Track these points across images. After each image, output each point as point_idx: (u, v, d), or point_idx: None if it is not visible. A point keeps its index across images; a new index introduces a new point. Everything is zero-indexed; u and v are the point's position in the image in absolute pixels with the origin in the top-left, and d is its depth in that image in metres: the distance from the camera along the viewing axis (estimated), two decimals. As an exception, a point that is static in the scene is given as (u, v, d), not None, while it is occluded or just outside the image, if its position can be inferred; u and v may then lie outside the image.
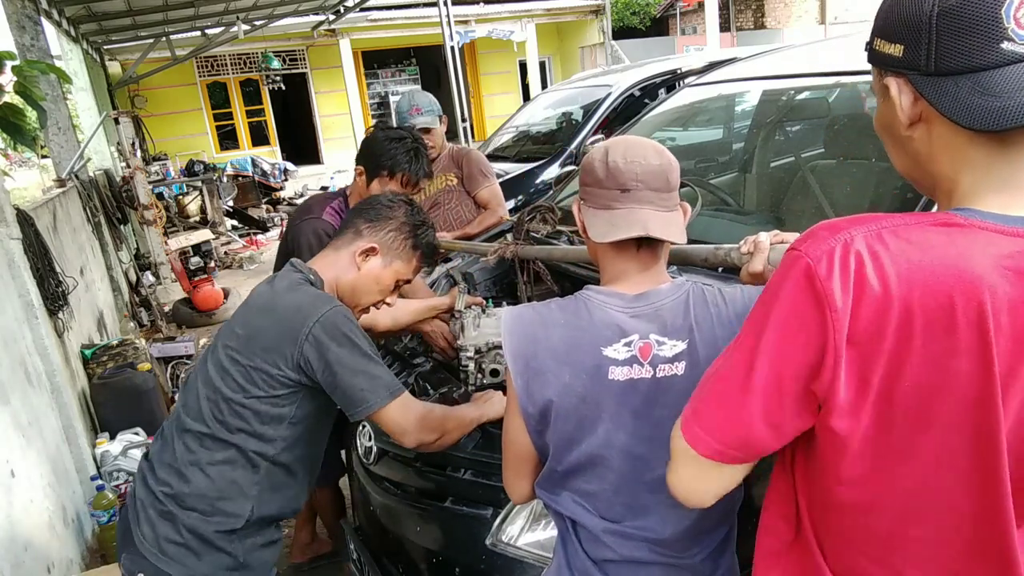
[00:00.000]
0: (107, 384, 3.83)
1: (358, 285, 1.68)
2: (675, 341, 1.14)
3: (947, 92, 0.77)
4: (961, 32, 0.75)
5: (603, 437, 1.16)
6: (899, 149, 0.89)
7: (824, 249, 0.79)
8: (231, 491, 1.55)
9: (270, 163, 12.13)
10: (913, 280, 0.75)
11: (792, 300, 0.81)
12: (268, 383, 1.52)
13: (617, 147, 1.19)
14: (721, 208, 2.56)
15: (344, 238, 1.71)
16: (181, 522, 1.53)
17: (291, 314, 1.53)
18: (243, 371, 1.52)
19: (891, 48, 0.81)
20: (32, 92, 2.51)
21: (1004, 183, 0.80)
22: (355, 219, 1.73)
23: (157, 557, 1.53)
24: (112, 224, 6.45)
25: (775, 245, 1.37)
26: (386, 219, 1.71)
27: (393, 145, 2.23)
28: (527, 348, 1.17)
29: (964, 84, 0.76)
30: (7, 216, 3.08)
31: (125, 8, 7.65)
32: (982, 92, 0.75)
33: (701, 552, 1.22)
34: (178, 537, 1.53)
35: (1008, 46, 0.74)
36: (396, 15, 14.30)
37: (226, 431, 1.54)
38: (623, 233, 1.14)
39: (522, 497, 1.33)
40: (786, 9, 19.77)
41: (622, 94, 5.86)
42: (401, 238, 1.71)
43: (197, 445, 1.56)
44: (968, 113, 0.75)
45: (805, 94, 2.76)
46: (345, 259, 1.68)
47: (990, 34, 0.74)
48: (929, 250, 0.77)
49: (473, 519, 1.68)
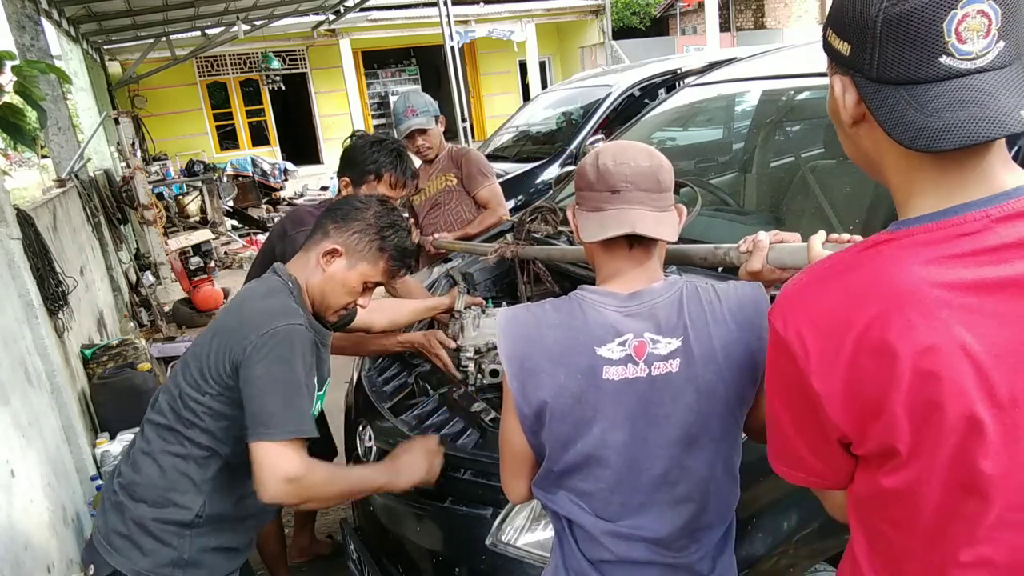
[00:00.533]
0: (107, 384, 3.83)
1: (325, 287, 1.65)
2: (669, 339, 1.14)
3: (885, 101, 0.76)
4: (903, 42, 0.74)
5: (599, 437, 1.17)
6: (847, 140, 0.91)
7: (777, 307, 0.85)
8: (182, 484, 1.55)
9: (270, 163, 12.13)
10: (842, 302, 0.79)
11: (773, 366, 0.88)
12: (218, 380, 1.52)
13: (608, 151, 1.21)
14: (721, 208, 2.56)
15: (314, 239, 1.69)
16: (129, 514, 1.54)
17: (253, 316, 1.52)
18: (199, 366, 1.53)
19: (840, 44, 0.80)
20: (32, 92, 2.51)
21: (933, 183, 0.79)
22: (325, 220, 1.70)
23: (105, 549, 1.54)
24: (112, 224, 6.45)
25: (774, 244, 1.37)
26: (353, 220, 1.66)
27: (375, 149, 2.23)
28: (522, 349, 1.18)
29: (901, 96, 0.75)
30: (7, 216, 3.08)
31: (125, 8, 7.65)
32: (916, 107, 0.74)
33: (699, 551, 1.22)
34: (124, 528, 1.54)
35: (947, 60, 0.73)
36: (396, 15, 14.30)
37: (182, 424, 1.54)
38: (612, 231, 1.15)
39: (519, 497, 1.33)
40: (786, 9, 19.77)
41: (622, 94, 5.87)
42: (367, 240, 1.65)
43: (155, 435, 1.57)
44: (901, 128, 0.75)
45: (805, 94, 2.76)
46: (312, 261, 1.66)
47: (930, 46, 0.73)
48: (857, 272, 0.79)
49: (473, 519, 1.68)
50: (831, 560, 1.61)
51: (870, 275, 0.78)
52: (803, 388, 0.81)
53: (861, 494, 0.87)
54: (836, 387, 0.78)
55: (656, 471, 1.17)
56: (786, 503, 1.55)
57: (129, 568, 1.53)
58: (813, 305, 0.81)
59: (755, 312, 1.17)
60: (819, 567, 1.62)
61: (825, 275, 0.82)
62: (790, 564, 1.54)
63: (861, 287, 0.78)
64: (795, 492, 1.54)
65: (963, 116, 0.72)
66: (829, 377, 0.78)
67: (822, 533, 1.54)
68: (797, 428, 0.87)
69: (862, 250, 0.81)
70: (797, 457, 0.89)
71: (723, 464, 1.20)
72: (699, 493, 1.19)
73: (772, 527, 1.53)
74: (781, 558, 1.52)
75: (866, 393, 0.77)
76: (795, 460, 0.90)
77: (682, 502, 1.19)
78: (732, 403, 1.16)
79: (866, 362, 0.76)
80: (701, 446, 1.17)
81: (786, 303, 0.84)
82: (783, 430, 0.89)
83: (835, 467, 0.88)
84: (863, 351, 0.76)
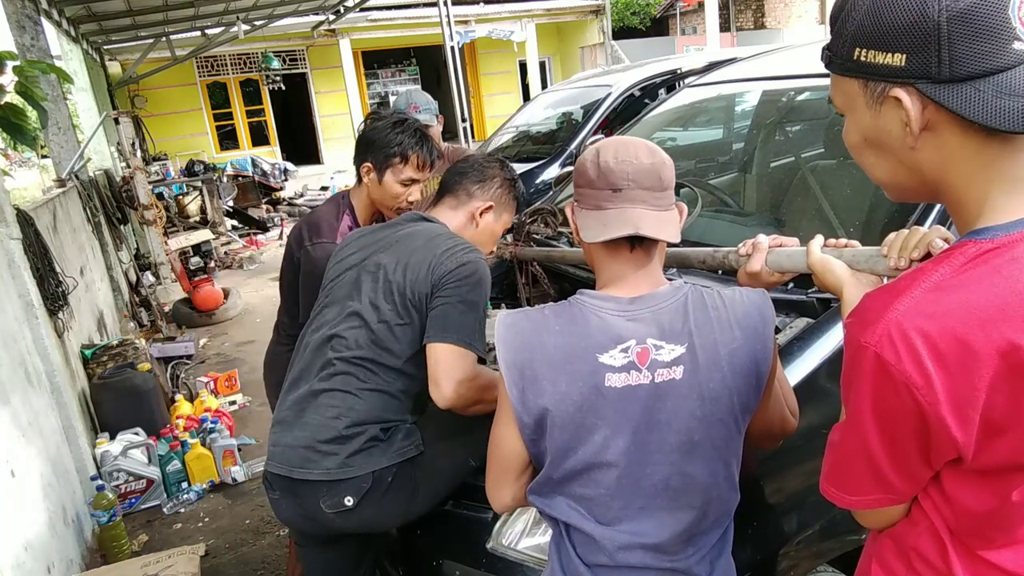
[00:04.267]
0: (107, 384, 3.83)
1: (478, 239, 1.84)
2: (673, 345, 1.13)
3: (969, 97, 0.75)
4: (974, 36, 0.73)
5: (600, 444, 1.15)
6: (891, 160, 0.86)
7: (882, 334, 0.78)
8: (395, 405, 1.68)
9: (270, 163, 12.12)
10: (970, 325, 0.75)
11: (877, 394, 0.81)
12: (417, 307, 1.65)
13: (608, 147, 1.18)
14: (721, 209, 2.56)
15: (457, 198, 1.86)
16: (356, 440, 1.62)
17: (452, 246, 1.68)
18: (398, 299, 1.66)
19: (888, 58, 0.78)
20: (33, 92, 2.51)
21: (1017, 183, 0.79)
22: (461, 181, 1.87)
23: (345, 472, 1.60)
24: (112, 224, 6.44)
25: (773, 248, 1.37)
26: (491, 178, 1.87)
27: (398, 130, 2.15)
28: (521, 357, 1.16)
29: (986, 88, 0.74)
30: (7, 216, 3.08)
31: (125, 8, 7.65)
32: (1008, 93, 0.74)
33: (696, 554, 1.21)
34: (355, 446, 1.61)
35: (1019, 46, 0.73)
36: (396, 15, 14.29)
37: (389, 356, 1.66)
38: (614, 232, 1.13)
39: (504, 506, 1.31)
40: (786, 9, 19.76)
41: (622, 94, 5.86)
42: (507, 192, 1.89)
43: (354, 372, 1.66)
44: (999, 115, 0.73)
45: (805, 94, 2.76)
46: (463, 218, 1.85)
47: (1002, 36, 0.73)
48: (976, 290, 0.76)
49: (474, 522, 1.68)
50: (833, 562, 1.61)
51: (994, 292, 0.75)
52: (918, 418, 0.79)
53: (976, 508, 0.84)
54: (968, 415, 0.76)
55: (657, 477, 1.16)
56: (787, 505, 1.55)
57: (381, 465, 1.62)
58: (931, 332, 0.76)
59: (761, 320, 1.16)
60: (821, 569, 1.62)
61: (932, 298, 0.78)
62: (791, 566, 1.53)
63: (989, 307, 0.74)
64: (796, 494, 1.54)
65: None
66: (961, 406, 0.76)
67: (823, 535, 1.53)
68: (892, 454, 0.84)
69: (964, 264, 0.78)
70: (879, 481, 0.87)
71: (724, 471, 1.19)
72: (700, 499, 1.18)
73: (773, 529, 1.53)
74: (782, 560, 1.51)
75: (998, 417, 0.76)
76: (874, 485, 0.87)
77: (682, 508, 1.18)
78: (736, 410, 1.15)
79: (1004, 387, 0.74)
80: (703, 453, 1.16)
81: (893, 331, 0.78)
82: (871, 458, 0.85)
83: (919, 484, 0.87)
84: (1004, 377, 0.74)
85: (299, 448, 1.63)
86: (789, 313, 1.69)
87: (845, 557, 1.57)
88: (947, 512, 0.87)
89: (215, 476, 3.61)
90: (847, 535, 1.54)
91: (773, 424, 1.26)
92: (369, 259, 1.74)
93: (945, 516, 0.87)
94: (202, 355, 5.61)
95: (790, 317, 1.68)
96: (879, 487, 0.87)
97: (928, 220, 1.68)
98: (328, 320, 1.73)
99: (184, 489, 3.54)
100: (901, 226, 1.81)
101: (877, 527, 0.97)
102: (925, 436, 0.80)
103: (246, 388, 4.79)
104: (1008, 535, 0.83)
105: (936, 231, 1.04)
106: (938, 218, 1.67)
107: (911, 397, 0.77)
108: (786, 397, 1.28)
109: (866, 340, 0.79)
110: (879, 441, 0.83)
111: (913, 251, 1.07)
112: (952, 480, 0.85)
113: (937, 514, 0.88)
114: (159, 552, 2.67)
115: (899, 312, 0.78)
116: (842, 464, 0.90)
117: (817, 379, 1.51)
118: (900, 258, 1.09)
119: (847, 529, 1.51)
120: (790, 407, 1.29)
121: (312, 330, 1.76)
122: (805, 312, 1.68)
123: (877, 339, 0.78)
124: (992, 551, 0.84)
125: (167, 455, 3.58)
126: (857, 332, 0.81)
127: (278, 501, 1.71)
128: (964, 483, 0.83)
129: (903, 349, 0.77)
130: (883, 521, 0.94)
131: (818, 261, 1.22)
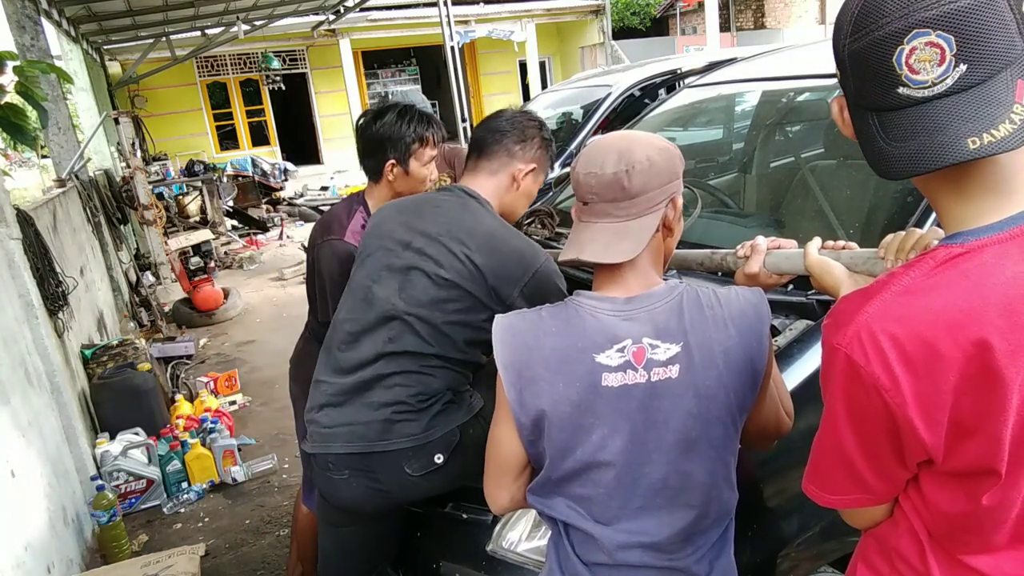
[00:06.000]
0: (107, 384, 3.83)
1: (516, 202, 1.81)
2: (669, 344, 1.13)
3: (865, 124, 0.81)
4: (865, 74, 0.78)
5: (598, 443, 1.16)
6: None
7: (852, 336, 0.81)
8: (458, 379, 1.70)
9: (270, 163, 12.12)
10: (936, 328, 0.76)
11: (849, 394, 0.83)
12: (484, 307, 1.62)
13: (584, 155, 1.19)
14: (720, 210, 2.56)
15: (497, 159, 1.78)
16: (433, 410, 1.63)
17: (517, 249, 1.64)
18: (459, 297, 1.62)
19: (838, 71, 0.85)
20: (33, 92, 2.51)
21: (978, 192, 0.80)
22: (501, 140, 1.78)
23: (429, 435, 1.61)
24: (112, 224, 6.44)
25: (771, 250, 1.37)
26: (532, 137, 1.80)
27: (405, 119, 2.17)
28: (519, 358, 1.17)
29: (873, 121, 0.80)
30: (7, 216, 3.08)
31: (125, 8, 7.65)
32: (883, 134, 0.78)
33: (695, 553, 1.21)
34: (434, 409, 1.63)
35: (903, 91, 0.76)
36: (396, 15, 14.28)
37: (454, 350, 1.65)
38: (571, 254, 1.17)
39: (501, 508, 1.32)
40: (786, 9, 19.76)
41: (622, 94, 5.85)
42: (546, 152, 1.83)
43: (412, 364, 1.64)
44: (872, 155, 0.80)
45: (805, 95, 2.76)
46: (504, 180, 1.77)
47: (886, 78, 0.76)
48: (944, 294, 0.77)
49: (473, 525, 1.68)
50: (834, 564, 1.61)
51: (961, 295, 0.76)
52: (888, 419, 0.80)
53: (949, 511, 0.85)
54: (935, 416, 0.77)
55: (655, 476, 1.16)
56: (787, 507, 1.55)
57: (463, 420, 1.65)
58: (899, 334, 0.77)
59: (756, 318, 1.17)
60: (821, 570, 1.62)
61: (901, 301, 0.79)
62: (791, 567, 1.53)
63: (954, 310, 0.75)
64: (796, 496, 1.54)
65: (913, 145, 0.75)
66: (927, 408, 0.77)
67: (824, 536, 1.53)
68: (866, 454, 0.85)
69: (933, 269, 0.79)
70: (856, 481, 0.88)
71: (723, 469, 1.19)
72: (698, 498, 1.18)
73: (773, 531, 1.53)
74: (783, 562, 1.51)
75: (966, 419, 0.77)
76: (851, 484, 0.89)
77: (681, 507, 1.18)
78: (733, 408, 1.15)
79: (970, 389, 0.75)
80: (700, 451, 1.16)
81: (862, 334, 0.79)
82: (846, 457, 0.87)
83: (896, 485, 0.88)
84: (970, 380, 0.75)
85: (375, 423, 1.62)
86: (788, 315, 1.69)
87: (846, 559, 1.57)
88: (925, 514, 0.88)
89: (215, 476, 3.61)
90: (848, 536, 1.53)
91: (768, 424, 1.26)
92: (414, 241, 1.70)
93: (924, 518, 0.89)
94: (202, 355, 5.61)
95: (789, 319, 1.68)
96: (856, 487, 0.89)
97: (928, 221, 1.68)
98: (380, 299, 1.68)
99: (184, 489, 3.55)
100: (901, 227, 1.81)
101: (862, 526, 0.99)
102: (896, 437, 0.81)
103: (246, 388, 4.79)
104: (982, 540, 0.84)
105: (933, 233, 1.04)
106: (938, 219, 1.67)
107: (880, 398, 0.79)
108: (781, 397, 1.29)
109: (838, 342, 0.82)
110: (853, 441, 0.85)
111: (909, 253, 1.07)
112: (928, 482, 0.86)
113: (916, 516, 0.89)
114: (159, 552, 2.66)
115: (868, 315, 0.80)
116: (821, 463, 0.92)
117: (817, 381, 1.50)
118: (896, 260, 1.09)
119: (848, 530, 1.50)
120: (785, 407, 1.29)
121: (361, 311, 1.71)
122: (805, 314, 1.68)
123: (848, 341, 0.81)
124: (971, 555, 0.85)
125: (167, 455, 3.58)
126: (831, 333, 0.84)
127: (343, 481, 1.66)
128: (938, 485, 0.85)
129: (871, 351, 0.79)
130: (867, 521, 0.96)
131: (816, 263, 1.22)
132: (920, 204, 1.72)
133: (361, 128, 2.22)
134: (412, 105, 2.23)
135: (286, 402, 3.66)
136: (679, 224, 1.25)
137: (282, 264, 8.42)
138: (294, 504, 2.76)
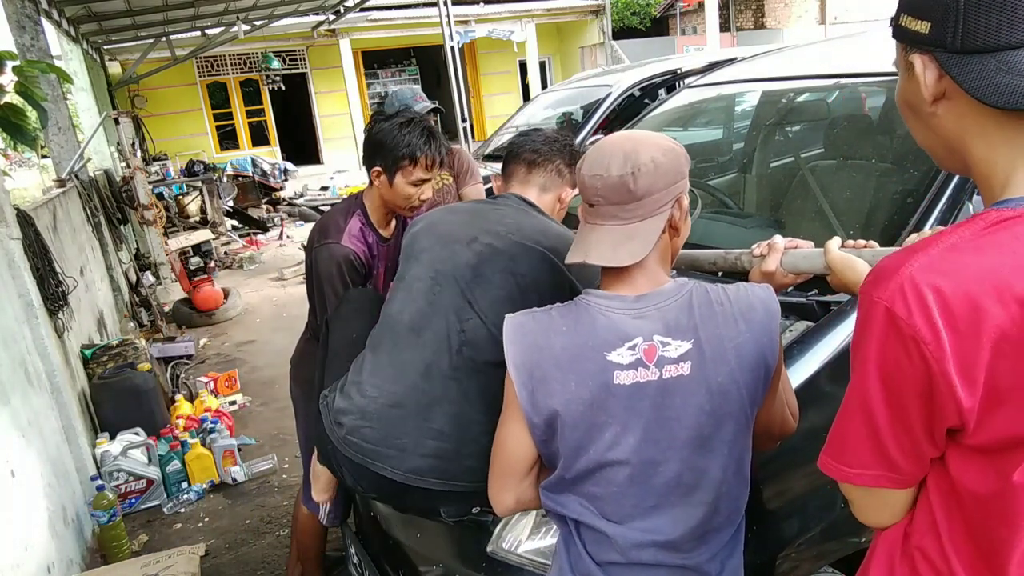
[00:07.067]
0: (107, 384, 3.83)
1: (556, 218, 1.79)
2: (680, 341, 1.13)
3: (972, 70, 0.77)
4: (988, 11, 0.76)
5: (611, 441, 1.15)
6: (921, 125, 0.89)
7: (895, 288, 0.79)
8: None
9: (270, 163, 12.11)
10: (984, 286, 0.75)
11: (884, 350, 0.80)
12: None
13: (589, 156, 1.18)
14: (720, 211, 2.56)
15: (548, 177, 1.76)
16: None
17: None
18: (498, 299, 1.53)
19: (918, 25, 0.81)
20: (33, 92, 2.51)
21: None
22: (553, 159, 1.76)
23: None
24: (112, 224, 6.44)
25: (789, 249, 1.38)
26: (576, 156, 1.76)
27: (405, 131, 2.09)
28: (530, 358, 1.16)
29: (990, 62, 0.76)
30: (7, 216, 3.08)
31: (125, 8, 7.65)
32: (1007, 71, 0.75)
33: (707, 552, 1.22)
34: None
35: None
36: (396, 15, 14.29)
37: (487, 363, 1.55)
38: (577, 257, 1.17)
39: (506, 509, 1.31)
40: (786, 9, 19.75)
41: (622, 94, 5.86)
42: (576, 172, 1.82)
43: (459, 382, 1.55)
44: (995, 91, 0.76)
45: (805, 95, 2.76)
46: (552, 199, 1.76)
47: (1016, 12, 0.75)
48: (993, 253, 0.76)
49: (474, 526, 1.68)
50: (835, 564, 1.61)
51: (1011, 256, 0.75)
52: (923, 378, 0.78)
53: (978, 490, 0.83)
54: (973, 375, 0.76)
55: (669, 473, 1.16)
56: (788, 508, 1.55)
57: None
58: (944, 289, 0.76)
59: (766, 313, 1.17)
60: (822, 571, 1.62)
61: (949, 257, 0.78)
62: (792, 568, 1.53)
63: (1003, 269, 0.75)
64: (797, 497, 1.54)
65: None
66: (967, 365, 0.76)
67: (825, 537, 1.53)
68: (895, 419, 0.83)
69: (984, 229, 0.78)
70: (879, 454, 0.85)
71: (735, 465, 1.19)
72: (711, 495, 1.18)
73: (774, 532, 1.53)
74: (783, 563, 1.51)
75: (1001, 384, 0.76)
76: (874, 458, 0.86)
77: (695, 504, 1.18)
78: (745, 404, 1.16)
79: (1011, 353, 0.74)
80: (713, 448, 1.16)
81: (906, 286, 0.78)
82: (872, 423, 0.84)
83: (920, 466, 0.86)
84: (1009, 342, 0.74)
85: (428, 457, 1.51)
86: (789, 316, 1.69)
87: (847, 559, 1.57)
88: (952, 502, 0.86)
89: (215, 476, 3.61)
90: (849, 537, 1.53)
91: (773, 423, 1.26)
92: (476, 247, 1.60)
93: (951, 507, 0.86)
94: (202, 355, 5.61)
95: (790, 320, 1.68)
96: (879, 461, 0.85)
97: (928, 222, 1.68)
98: (443, 307, 1.56)
99: (184, 489, 3.55)
100: (901, 227, 1.82)
101: (877, 522, 0.94)
102: (929, 398, 0.79)
103: (246, 388, 4.79)
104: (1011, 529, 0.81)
105: None
106: (938, 219, 1.67)
107: (918, 352, 0.77)
108: (787, 396, 1.29)
109: (878, 295, 0.80)
110: (883, 406, 0.82)
111: None
112: (955, 459, 0.84)
113: (942, 508, 0.87)
114: (159, 552, 2.67)
115: (914, 268, 0.78)
116: (842, 431, 0.89)
117: (818, 382, 1.51)
118: None
119: (849, 531, 1.51)
120: (791, 407, 1.29)
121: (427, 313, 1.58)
122: (805, 315, 1.68)
123: (890, 294, 0.79)
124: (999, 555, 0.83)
125: (167, 455, 3.58)
126: (870, 289, 0.82)
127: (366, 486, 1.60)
128: (967, 462, 0.83)
129: (915, 303, 0.77)
130: (883, 512, 0.92)
131: (838, 259, 1.22)
132: (920, 204, 1.72)
133: (365, 128, 2.24)
134: (420, 119, 2.16)
135: (286, 402, 3.67)
136: (685, 223, 1.24)
137: (282, 264, 8.43)
138: (294, 504, 2.77)
